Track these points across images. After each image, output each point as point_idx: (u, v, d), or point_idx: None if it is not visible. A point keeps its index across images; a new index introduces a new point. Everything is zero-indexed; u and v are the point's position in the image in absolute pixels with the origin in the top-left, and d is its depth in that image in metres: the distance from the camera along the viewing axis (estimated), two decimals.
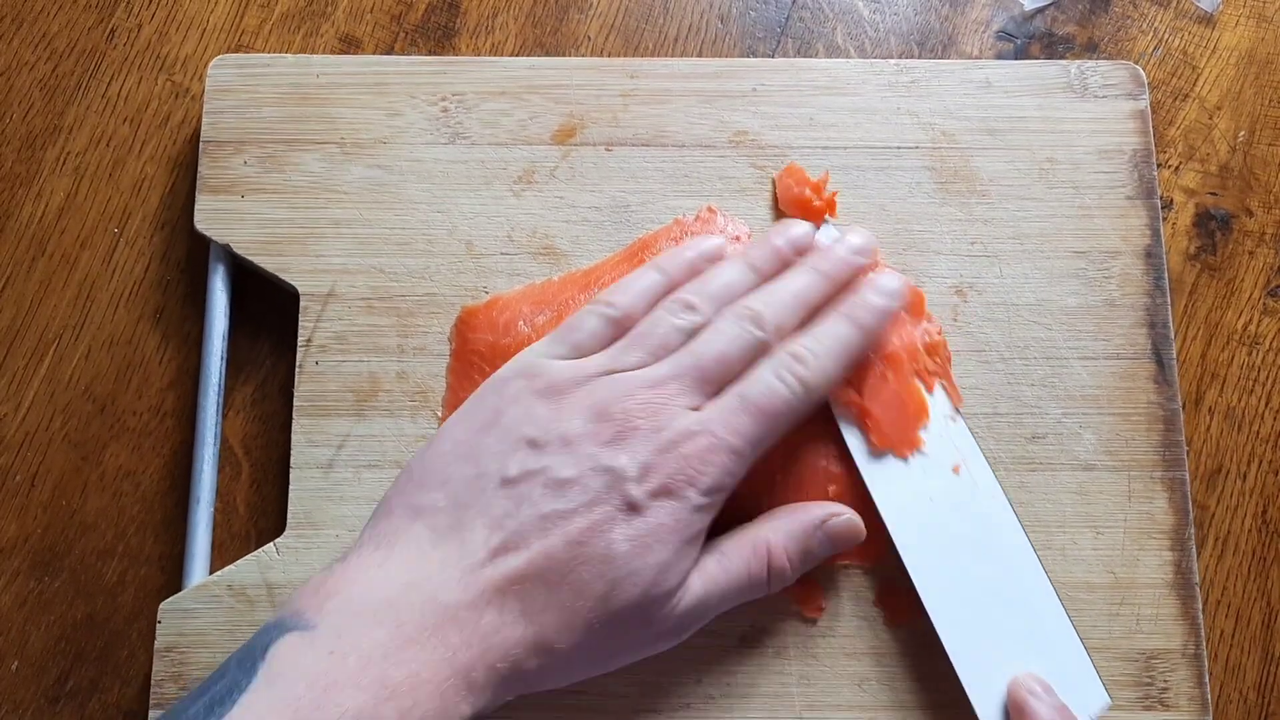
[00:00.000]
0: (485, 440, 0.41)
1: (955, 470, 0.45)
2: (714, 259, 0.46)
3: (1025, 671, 0.42)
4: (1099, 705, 0.43)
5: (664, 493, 0.39)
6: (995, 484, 0.46)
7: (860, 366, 0.45)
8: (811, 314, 0.44)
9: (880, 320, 0.45)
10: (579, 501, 0.39)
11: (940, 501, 0.45)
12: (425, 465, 0.41)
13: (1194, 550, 0.46)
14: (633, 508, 0.39)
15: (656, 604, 0.40)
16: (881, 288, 0.45)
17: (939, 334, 0.47)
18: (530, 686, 0.39)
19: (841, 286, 0.46)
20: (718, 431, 0.40)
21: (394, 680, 0.35)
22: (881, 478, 0.45)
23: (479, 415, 0.42)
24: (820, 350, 0.43)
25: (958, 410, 0.47)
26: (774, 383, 0.42)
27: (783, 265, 0.46)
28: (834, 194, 0.49)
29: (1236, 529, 0.49)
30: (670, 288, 0.45)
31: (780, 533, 0.43)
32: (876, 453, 0.45)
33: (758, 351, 0.42)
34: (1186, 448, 0.48)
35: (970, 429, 0.46)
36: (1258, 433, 0.50)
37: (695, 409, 0.41)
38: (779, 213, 0.50)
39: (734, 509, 0.43)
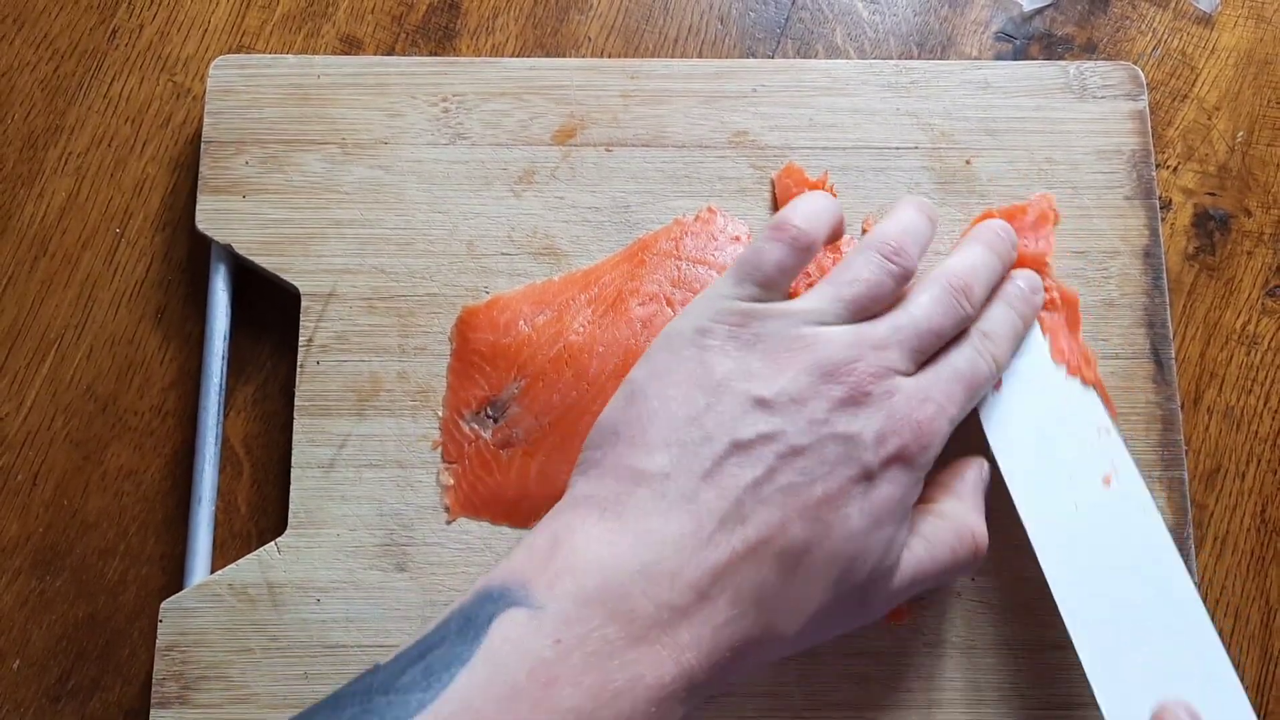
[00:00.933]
0: (704, 398, 0.38)
1: (1106, 481, 0.44)
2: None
3: (1174, 698, 0.39)
4: None
5: (897, 460, 0.38)
6: (1149, 499, 0.43)
7: None
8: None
9: (1033, 312, 0.46)
10: (815, 472, 0.37)
11: (1086, 512, 0.43)
12: (634, 423, 0.38)
13: (1193, 550, 0.46)
14: (868, 477, 0.38)
15: (877, 583, 0.38)
16: (1031, 281, 0.46)
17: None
18: (739, 673, 0.37)
19: (1010, 261, 0.46)
20: (940, 399, 0.40)
21: (616, 684, 0.33)
22: (1025, 484, 0.43)
23: (685, 369, 0.39)
24: (1003, 334, 0.44)
25: (1113, 421, 0.45)
26: (977, 359, 0.42)
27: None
28: (832, 189, 0.49)
29: (1235, 529, 0.49)
30: (839, 215, 0.44)
31: (975, 513, 0.42)
32: (1014, 456, 0.44)
33: (963, 326, 0.43)
34: (1185, 447, 0.48)
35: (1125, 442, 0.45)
36: (1256, 432, 0.50)
37: (908, 375, 0.40)
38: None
39: None
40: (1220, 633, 0.44)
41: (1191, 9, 0.56)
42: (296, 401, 0.47)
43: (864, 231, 0.49)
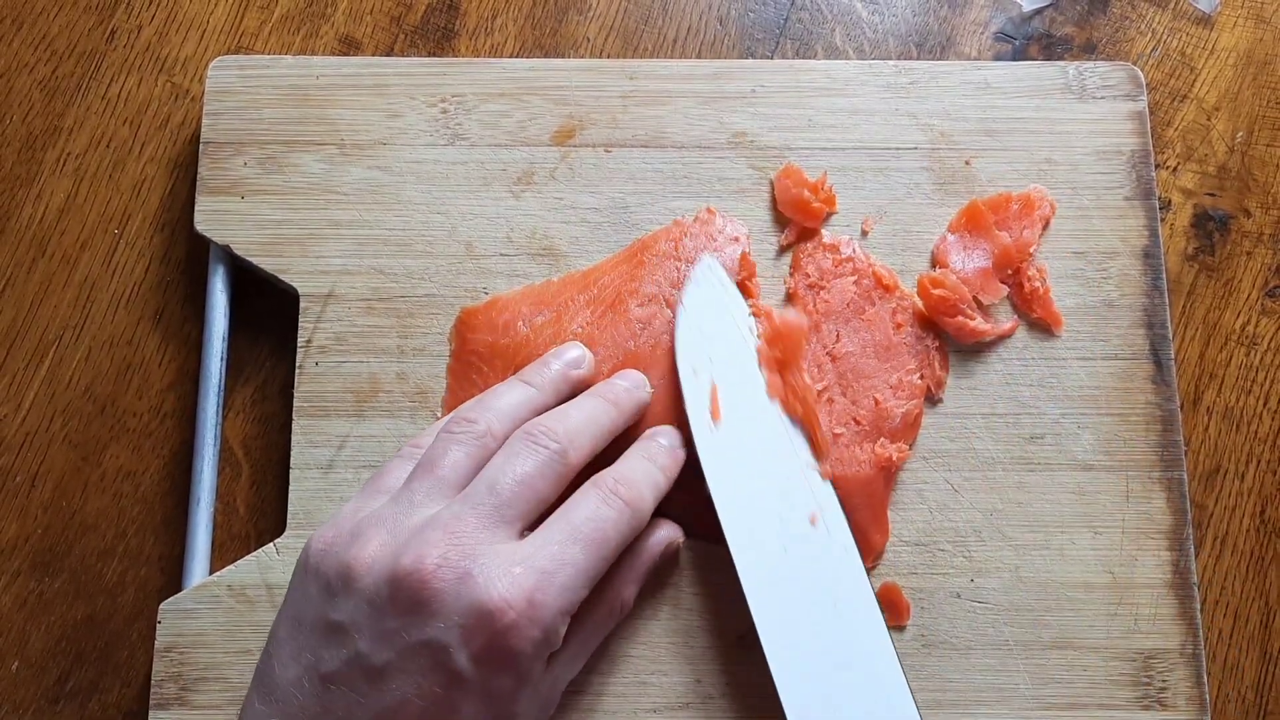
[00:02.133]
0: (298, 634, 0.36)
1: (812, 521, 0.44)
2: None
3: None
4: None
5: (493, 655, 0.35)
6: (850, 539, 0.44)
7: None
8: (607, 439, 0.42)
9: (674, 467, 0.43)
10: (406, 691, 0.34)
11: (793, 552, 0.43)
12: (259, 677, 0.37)
13: (1192, 550, 0.46)
14: (464, 681, 0.35)
15: None
16: (671, 438, 0.44)
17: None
18: None
19: (628, 419, 0.44)
20: (545, 565, 0.36)
21: None
22: (737, 524, 0.43)
23: (292, 602, 0.38)
24: (639, 479, 0.41)
25: (818, 460, 0.45)
26: (601, 507, 0.39)
27: (561, 381, 0.44)
28: (831, 190, 0.49)
29: (1235, 529, 0.49)
30: (454, 419, 0.41)
31: (631, 585, 0.42)
32: (728, 489, 0.44)
33: (560, 471, 0.39)
34: (1185, 448, 0.48)
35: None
36: (1256, 432, 0.50)
37: (511, 544, 0.37)
38: (778, 213, 0.50)
39: None
40: (1206, 629, 0.44)
41: (1191, 9, 0.56)
42: (295, 402, 0.47)
43: (863, 234, 0.49)
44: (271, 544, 0.46)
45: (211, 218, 0.49)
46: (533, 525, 0.39)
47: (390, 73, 0.51)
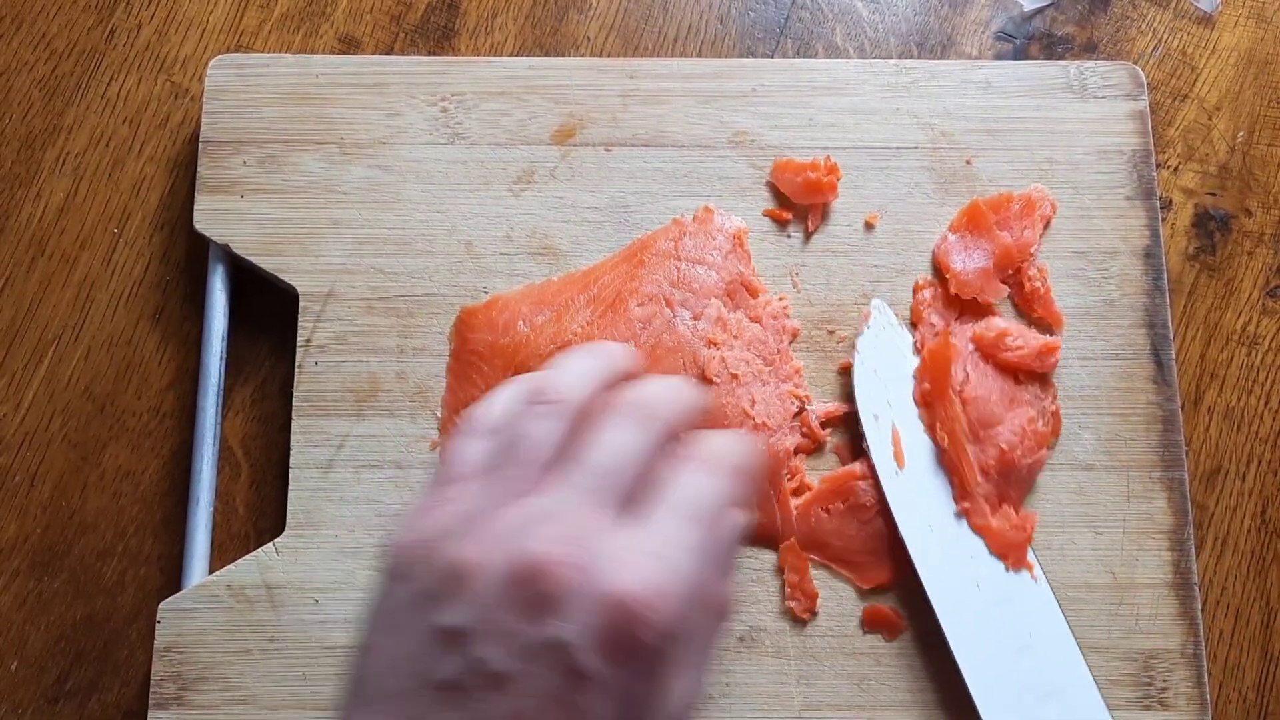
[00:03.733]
0: (402, 641, 0.33)
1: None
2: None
3: None
4: None
5: (619, 650, 0.32)
6: (1042, 575, 0.45)
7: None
8: (688, 422, 0.38)
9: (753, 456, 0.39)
10: (532, 693, 0.31)
11: (986, 590, 0.44)
12: (352, 688, 0.34)
13: (1193, 550, 0.46)
14: (590, 679, 0.32)
15: None
16: (740, 440, 0.39)
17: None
18: None
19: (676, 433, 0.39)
20: (661, 549, 0.33)
21: None
22: (931, 563, 0.45)
23: (385, 611, 0.35)
24: (728, 453, 0.37)
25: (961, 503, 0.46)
26: (705, 480, 0.35)
27: (626, 357, 0.40)
28: (830, 160, 0.49)
29: (1235, 529, 0.49)
30: (535, 390, 0.38)
31: (722, 575, 0.37)
32: (924, 539, 0.45)
33: (657, 442, 0.36)
34: (1186, 448, 0.48)
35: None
36: (1257, 433, 0.50)
37: (621, 529, 0.34)
38: (778, 211, 0.50)
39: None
40: (1207, 629, 0.44)
41: (1192, 9, 0.56)
42: (295, 402, 0.47)
43: (868, 226, 0.49)
44: (271, 543, 0.46)
45: (211, 217, 0.49)
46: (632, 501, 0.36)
47: (390, 72, 0.51)
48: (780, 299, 0.49)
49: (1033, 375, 0.47)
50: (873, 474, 0.46)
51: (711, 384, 0.46)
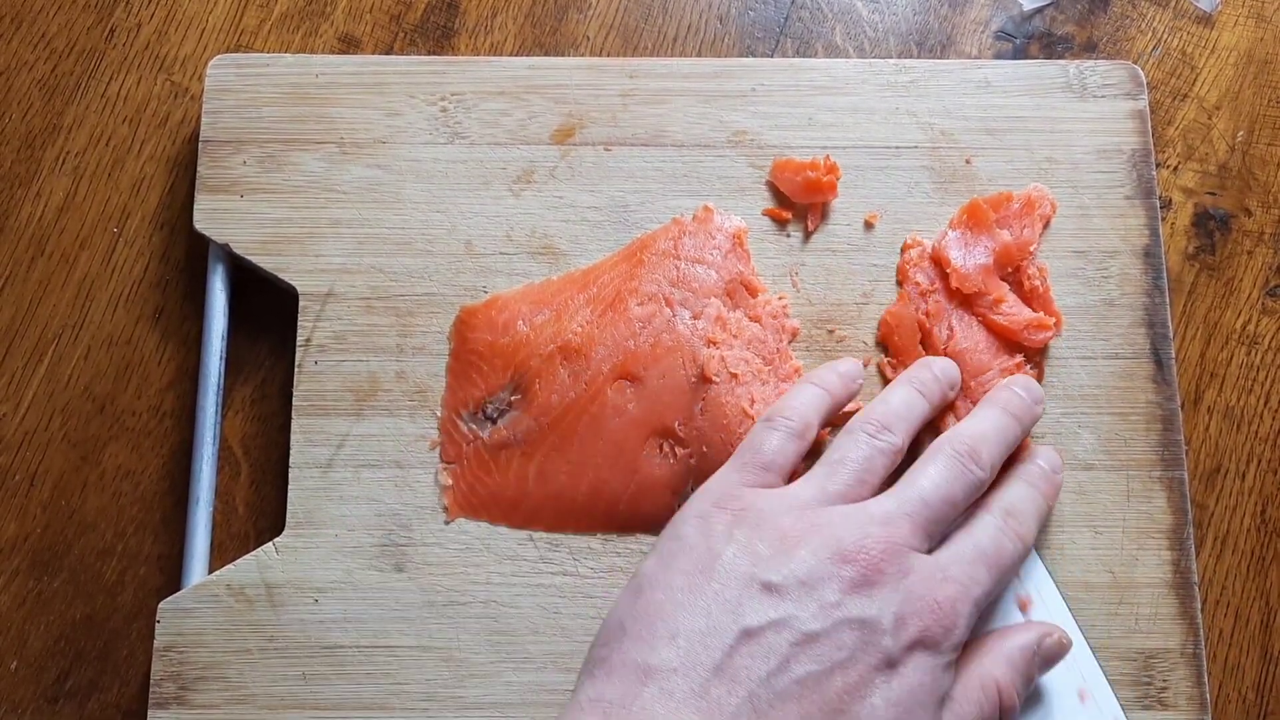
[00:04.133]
0: (709, 585, 0.37)
1: (1081, 697, 0.44)
2: (858, 377, 0.46)
3: None
4: None
5: (920, 646, 0.36)
6: (1120, 712, 0.44)
7: None
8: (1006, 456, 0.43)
9: (1055, 491, 0.45)
10: (833, 660, 0.35)
11: None
12: (640, 617, 0.37)
13: (1193, 550, 0.46)
14: (890, 664, 0.36)
15: None
16: (1051, 461, 0.45)
17: None
18: None
19: (1027, 429, 0.44)
20: (962, 579, 0.38)
21: None
22: None
23: (690, 557, 0.38)
24: (1028, 511, 0.42)
25: (1083, 635, 0.45)
26: (1001, 538, 0.40)
27: (943, 396, 0.45)
28: (830, 159, 0.49)
29: (1235, 528, 0.49)
30: (834, 403, 0.44)
31: (1003, 666, 0.39)
32: None
33: (976, 492, 0.41)
34: (1185, 447, 0.48)
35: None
36: (1256, 432, 0.50)
37: (924, 552, 0.39)
38: (778, 211, 0.50)
39: None
40: (1207, 629, 0.44)
41: (1192, 8, 0.56)
42: (294, 401, 0.47)
43: (867, 226, 0.49)
44: (271, 543, 0.46)
45: (211, 216, 0.49)
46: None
47: (390, 71, 0.51)
48: (780, 298, 0.49)
49: (1018, 349, 0.48)
50: None
51: (711, 383, 0.46)
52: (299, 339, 0.48)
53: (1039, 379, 0.47)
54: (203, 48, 0.54)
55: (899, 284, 0.49)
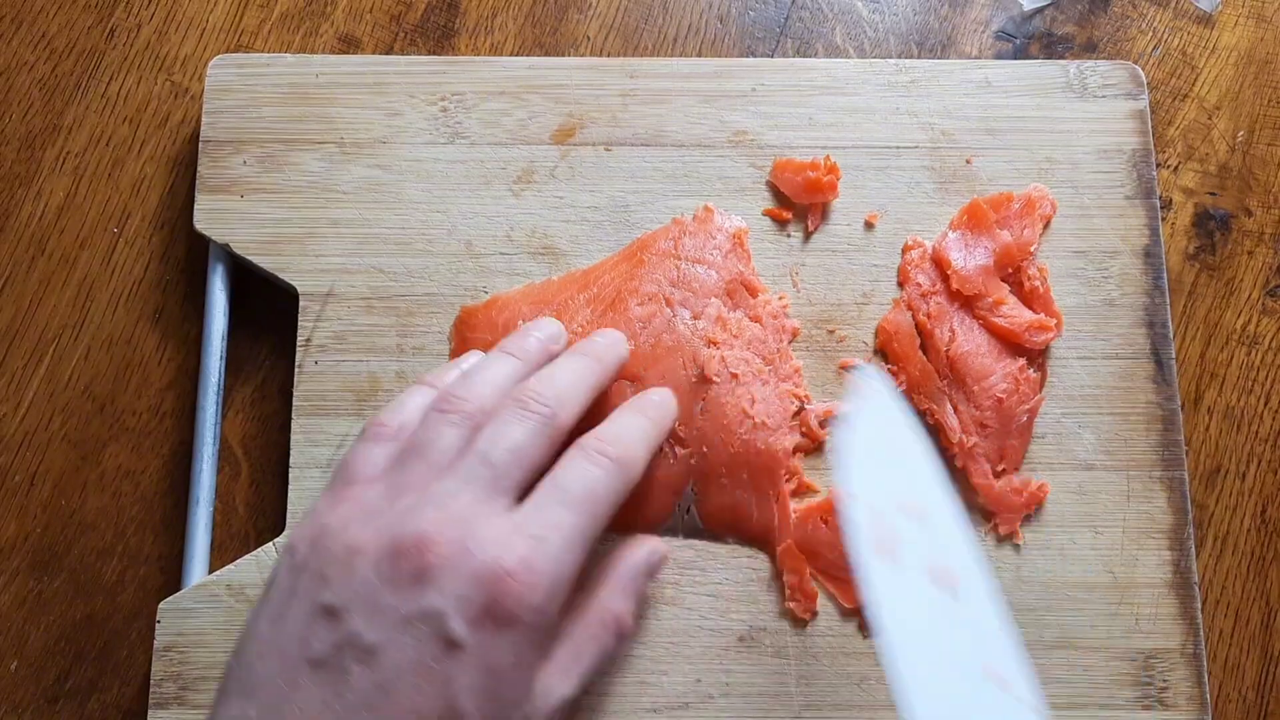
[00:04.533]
0: (285, 626, 0.36)
1: (953, 583, 0.40)
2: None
3: None
4: None
5: (490, 621, 0.35)
6: (996, 600, 0.41)
7: None
8: (594, 396, 0.42)
9: (667, 418, 0.43)
10: (399, 666, 0.34)
11: (937, 613, 0.40)
12: (233, 673, 0.36)
13: (1193, 550, 0.46)
14: (457, 647, 0.34)
15: None
16: (661, 393, 0.44)
17: None
18: None
19: (610, 376, 0.44)
20: (539, 530, 0.36)
21: None
22: (877, 581, 0.39)
23: (275, 599, 0.37)
24: (625, 434, 0.41)
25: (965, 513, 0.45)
26: (587, 468, 0.38)
27: (543, 353, 0.44)
28: (830, 159, 0.49)
29: (1235, 528, 0.49)
30: (444, 398, 0.41)
31: (617, 596, 0.40)
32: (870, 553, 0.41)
33: (552, 434, 0.39)
34: (1185, 447, 0.48)
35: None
36: (1256, 432, 0.50)
37: (506, 514, 0.37)
38: (778, 211, 0.50)
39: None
40: (1207, 628, 0.44)
41: (1192, 8, 0.56)
42: (295, 401, 0.47)
43: (868, 226, 0.49)
44: (271, 543, 0.46)
45: (211, 216, 0.49)
46: (528, 491, 0.39)
47: (390, 71, 0.51)
48: (780, 298, 0.49)
49: (1020, 351, 0.47)
50: None
51: (711, 383, 0.46)
52: (299, 339, 0.48)
53: (1041, 380, 0.47)
54: (203, 48, 0.54)
55: (900, 285, 0.49)
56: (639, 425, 0.42)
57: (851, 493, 0.41)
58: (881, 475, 0.42)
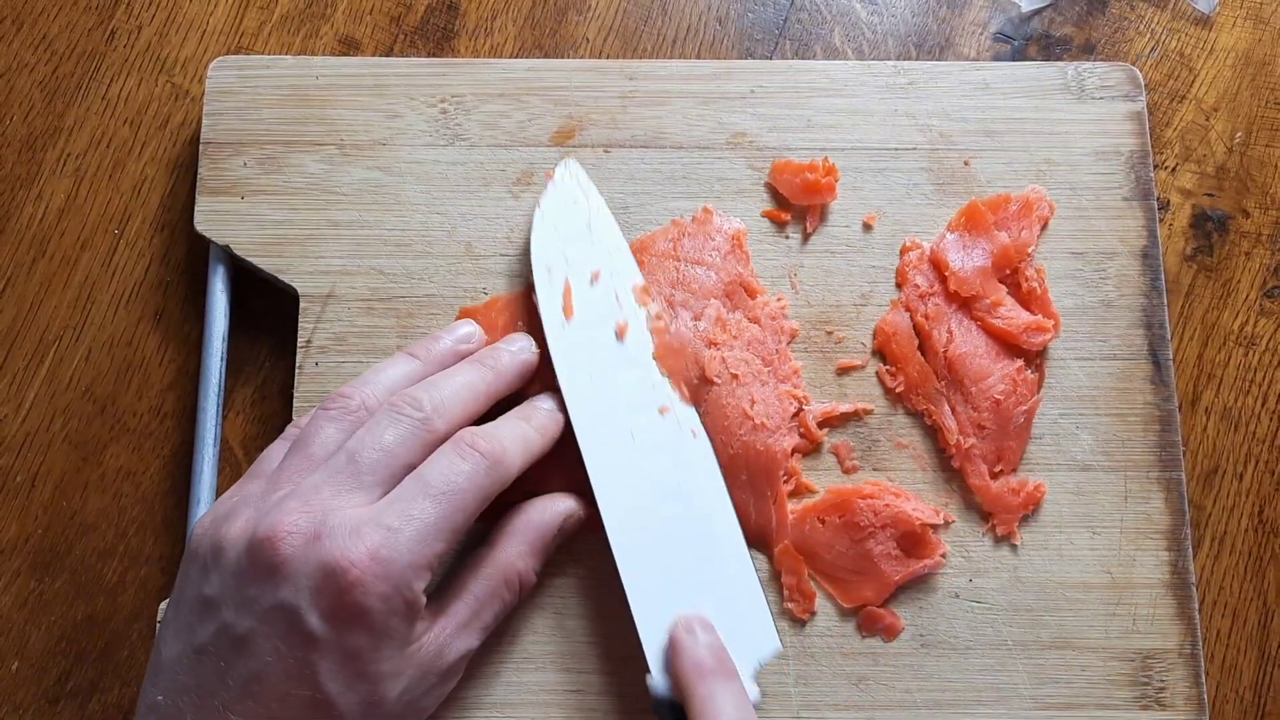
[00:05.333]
0: (179, 613, 0.38)
1: (662, 412, 0.44)
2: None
3: (689, 613, 0.41)
4: (768, 650, 0.42)
5: (343, 612, 0.36)
6: (700, 425, 0.44)
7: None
8: (482, 405, 0.43)
9: (548, 425, 0.44)
10: (266, 654, 0.35)
11: (641, 439, 0.44)
12: (151, 658, 0.39)
13: (1190, 550, 0.46)
14: (317, 640, 0.36)
15: (414, 690, 0.38)
16: (549, 401, 0.45)
17: None
18: None
19: (508, 383, 0.44)
20: (393, 521, 0.37)
21: None
22: (585, 411, 0.44)
23: (177, 587, 0.39)
24: (493, 432, 0.41)
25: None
26: (454, 460, 0.39)
27: (449, 355, 0.45)
28: (829, 161, 0.50)
29: (1233, 529, 0.49)
30: (333, 396, 0.42)
31: (522, 551, 0.42)
32: (582, 390, 0.44)
33: (425, 438, 0.40)
34: (1183, 448, 0.48)
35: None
36: (1254, 433, 0.50)
37: (365, 506, 0.38)
38: (777, 212, 0.50)
39: None
40: (1204, 629, 0.44)
41: (1190, 10, 0.56)
42: (295, 403, 0.47)
43: (866, 227, 0.50)
44: None
45: (211, 218, 0.49)
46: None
47: (390, 73, 0.51)
48: (779, 300, 0.49)
49: (1018, 352, 0.48)
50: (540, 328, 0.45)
51: (712, 384, 0.46)
52: (299, 340, 0.48)
53: (1039, 381, 0.48)
54: (203, 49, 0.54)
55: (898, 286, 0.49)
56: (517, 428, 0.42)
57: (547, 267, 0.46)
58: (575, 253, 0.47)
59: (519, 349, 0.45)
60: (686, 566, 0.42)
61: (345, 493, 0.38)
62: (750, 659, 0.41)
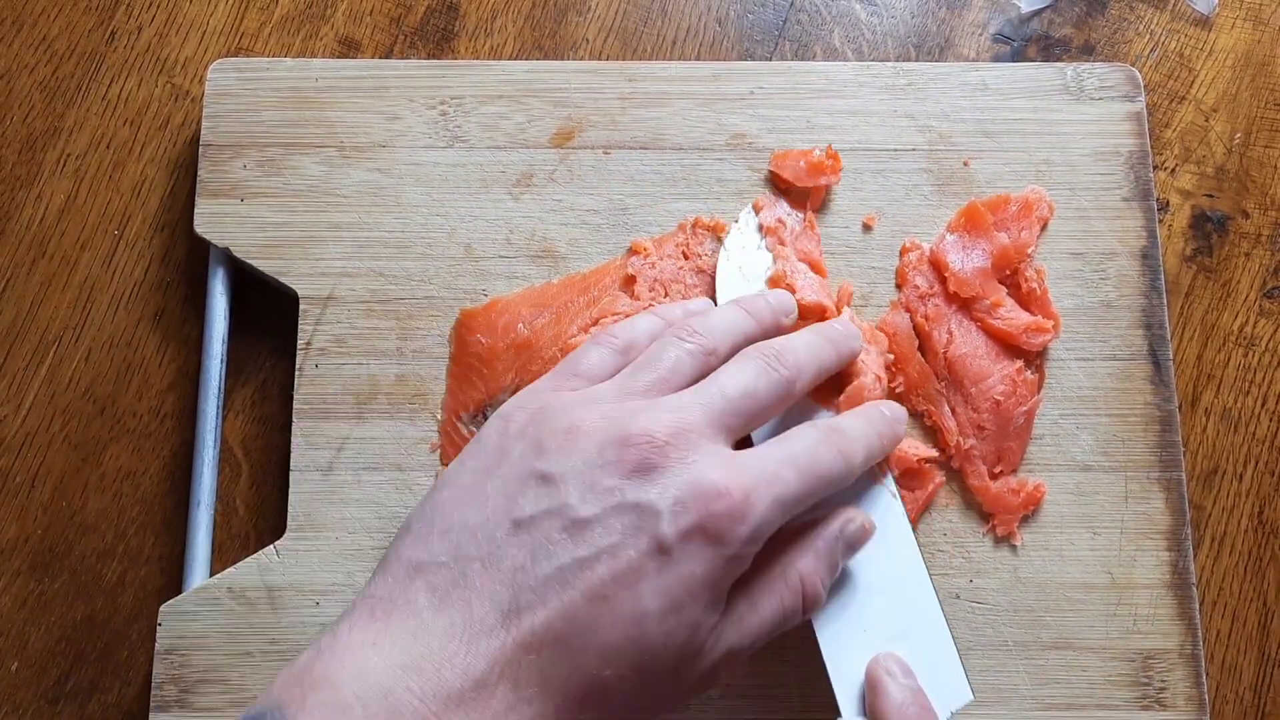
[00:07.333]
0: (491, 481, 0.37)
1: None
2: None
3: (886, 652, 0.40)
4: (960, 700, 0.41)
5: (700, 534, 0.35)
6: (886, 469, 0.43)
7: None
8: (822, 378, 0.42)
9: (891, 438, 0.43)
10: (602, 545, 0.34)
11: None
12: (424, 515, 0.37)
13: (1191, 551, 0.46)
14: (663, 550, 0.35)
15: (687, 662, 0.36)
16: (895, 411, 0.44)
17: None
18: None
19: (843, 363, 0.44)
20: (761, 473, 0.37)
21: None
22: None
23: (482, 455, 0.38)
24: (857, 436, 0.40)
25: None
26: (821, 449, 0.38)
27: (774, 320, 0.44)
28: (830, 147, 0.50)
29: (1233, 529, 0.49)
30: (684, 326, 0.42)
31: (807, 556, 0.39)
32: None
33: (785, 396, 0.39)
34: (1183, 448, 0.48)
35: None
36: (1254, 434, 0.50)
37: (723, 445, 0.37)
38: (778, 203, 0.50)
39: None
40: (1205, 629, 0.44)
41: (1189, 10, 0.56)
42: (295, 404, 0.47)
43: (865, 228, 0.50)
44: (272, 545, 0.46)
45: (211, 220, 0.49)
46: (739, 445, 0.39)
47: (389, 75, 0.51)
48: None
49: (1018, 353, 0.48)
50: None
51: None
52: (299, 342, 0.48)
53: (1039, 381, 0.48)
54: (203, 50, 0.54)
55: (898, 286, 0.49)
56: (867, 435, 0.41)
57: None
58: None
59: (851, 333, 0.44)
60: (877, 612, 0.41)
61: (712, 426, 0.37)
62: (943, 709, 0.40)
